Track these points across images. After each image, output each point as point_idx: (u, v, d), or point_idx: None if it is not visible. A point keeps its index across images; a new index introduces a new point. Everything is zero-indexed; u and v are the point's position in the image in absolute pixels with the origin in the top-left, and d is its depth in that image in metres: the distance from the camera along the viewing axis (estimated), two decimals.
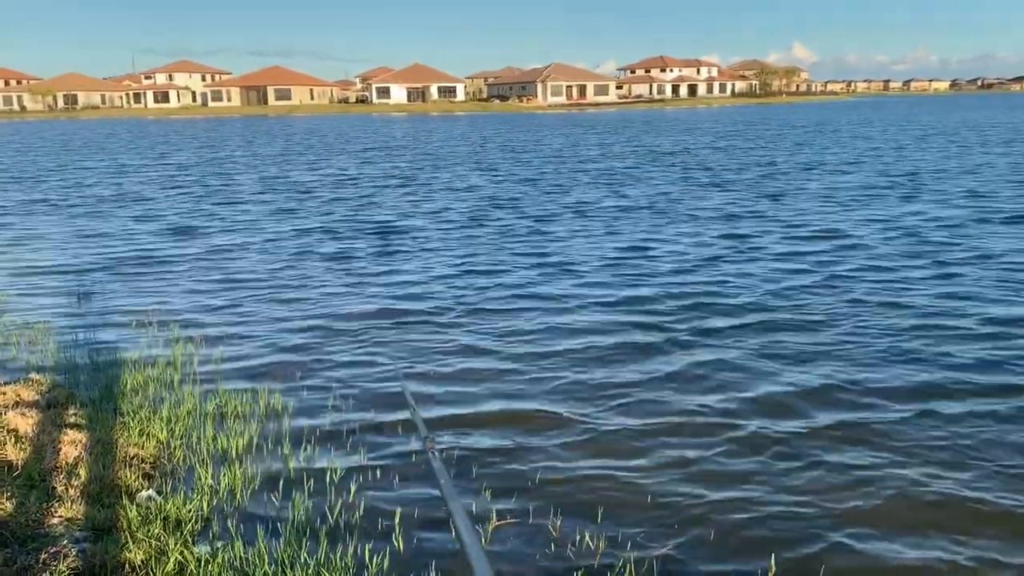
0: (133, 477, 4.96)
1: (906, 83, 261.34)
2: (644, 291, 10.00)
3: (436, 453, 2.54)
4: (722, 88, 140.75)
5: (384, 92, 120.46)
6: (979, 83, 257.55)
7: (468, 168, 27.55)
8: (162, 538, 4.27)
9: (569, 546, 4.49)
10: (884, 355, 7.39)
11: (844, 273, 10.74)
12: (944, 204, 16.79)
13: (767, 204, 17.25)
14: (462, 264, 11.80)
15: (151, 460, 5.31)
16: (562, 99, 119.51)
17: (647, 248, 12.80)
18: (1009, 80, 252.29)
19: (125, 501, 4.58)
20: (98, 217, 17.11)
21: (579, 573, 4.23)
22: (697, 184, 21.28)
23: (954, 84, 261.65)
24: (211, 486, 4.99)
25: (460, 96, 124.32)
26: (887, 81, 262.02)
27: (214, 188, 22.65)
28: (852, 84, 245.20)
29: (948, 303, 9.12)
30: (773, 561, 4.28)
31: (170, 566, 4.03)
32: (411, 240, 13.84)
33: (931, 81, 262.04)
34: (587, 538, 4.52)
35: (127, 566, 4.02)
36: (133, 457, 5.24)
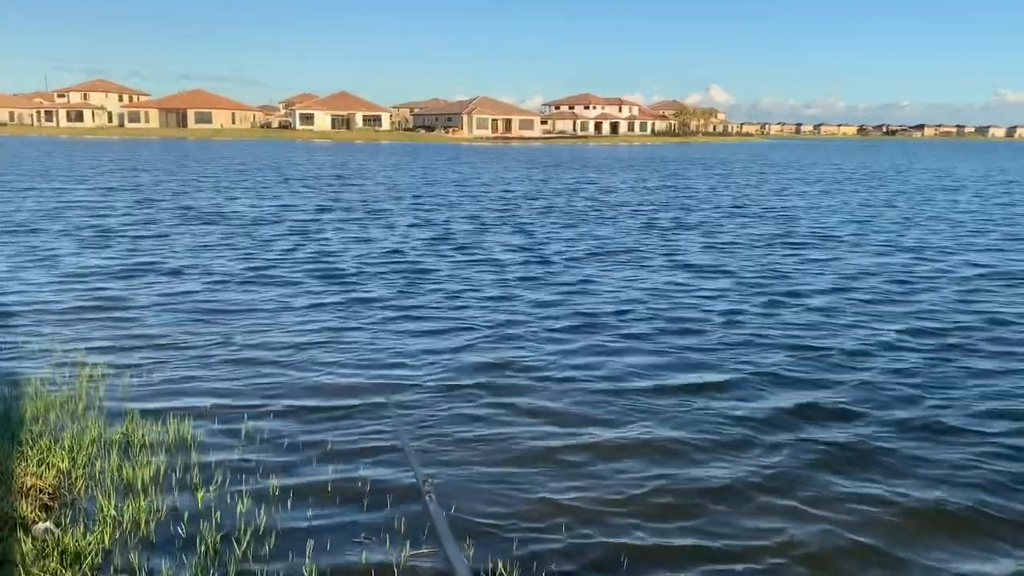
0: (30, 509, 4.74)
1: (816, 127, 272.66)
2: (620, 359, 8.79)
3: (433, 496, 2.52)
4: (643, 127, 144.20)
5: (308, 119, 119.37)
6: (884, 129, 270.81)
7: (416, 201, 27.39)
8: (59, 572, 4.10)
9: None
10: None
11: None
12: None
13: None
14: (405, 311, 11.61)
15: (50, 491, 5.09)
16: (487, 132, 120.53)
17: (626, 302, 11.34)
18: (911, 127, 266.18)
19: (20, 534, 4.38)
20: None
21: None
22: (667, 228, 21.60)
23: (862, 130, 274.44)
24: (114, 517, 4.81)
25: (385, 125, 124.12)
26: (799, 125, 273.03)
27: (134, 215, 21.99)
28: (766, 126, 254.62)
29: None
30: None
31: None
32: (349, 277, 13.43)
33: (840, 126, 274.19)
34: None
35: None
36: (30, 488, 5.02)
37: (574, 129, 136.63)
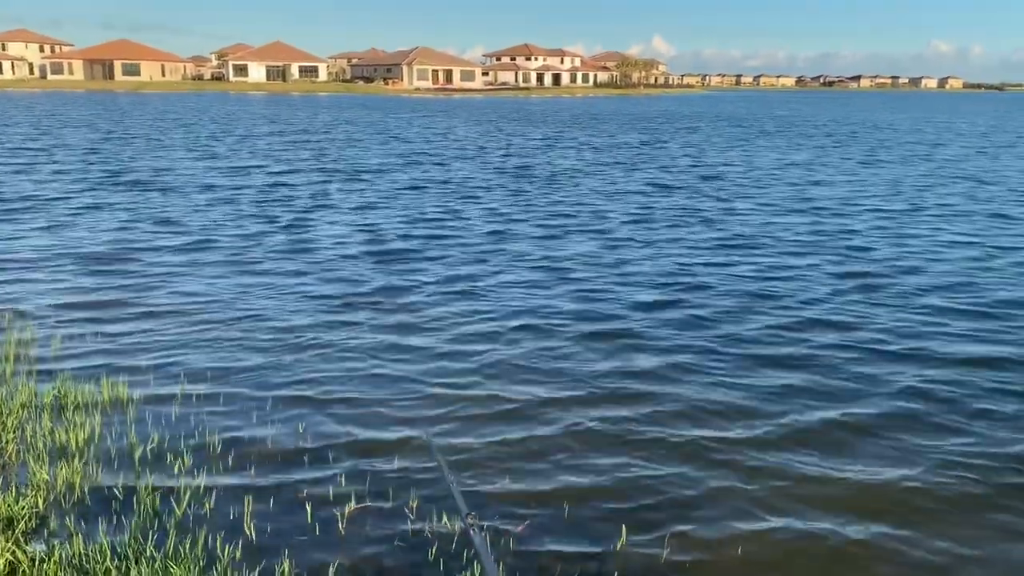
0: None
1: (756, 78, 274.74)
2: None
3: (477, 529, 2.46)
4: (585, 78, 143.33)
5: (241, 70, 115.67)
6: (822, 80, 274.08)
7: (395, 164, 26.87)
8: None
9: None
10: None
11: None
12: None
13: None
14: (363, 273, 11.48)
15: None
16: (428, 83, 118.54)
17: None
18: (848, 78, 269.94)
19: None
20: None
21: None
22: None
23: (800, 80, 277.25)
24: (47, 481, 4.70)
25: (323, 76, 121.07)
26: (739, 76, 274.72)
27: (69, 168, 21.19)
28: (707, 78, 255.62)
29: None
30: None
31: None
32: (321, 239, 13.36)
33: (779, 77, 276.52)
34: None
35: None
36: None
37: (516, 80, 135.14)
